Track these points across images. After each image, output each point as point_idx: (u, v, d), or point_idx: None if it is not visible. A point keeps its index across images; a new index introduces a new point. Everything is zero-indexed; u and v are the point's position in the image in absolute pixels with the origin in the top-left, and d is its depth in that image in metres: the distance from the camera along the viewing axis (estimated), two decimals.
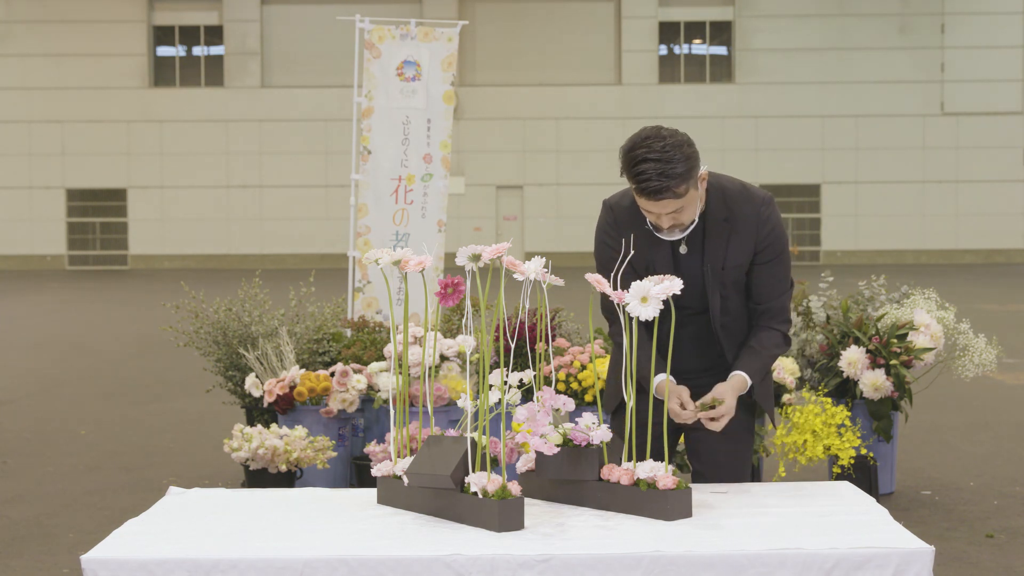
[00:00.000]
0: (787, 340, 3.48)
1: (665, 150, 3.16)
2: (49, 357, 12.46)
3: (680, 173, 3.16)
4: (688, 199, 3.24)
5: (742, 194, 3.40)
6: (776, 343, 3.45)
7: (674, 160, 3.16)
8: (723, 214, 3.37)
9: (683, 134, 3.24)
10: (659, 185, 3.16)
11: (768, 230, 3.39)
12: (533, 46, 31.43)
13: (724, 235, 3.38)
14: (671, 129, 3.25)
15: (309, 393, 5.95)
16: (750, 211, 3.38)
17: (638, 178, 3.18)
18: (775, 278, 3.43)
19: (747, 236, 3.38)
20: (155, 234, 31.30)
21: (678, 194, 3.20)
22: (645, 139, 3.20)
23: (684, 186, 3.20)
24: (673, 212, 3.26)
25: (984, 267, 29.21)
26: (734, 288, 3.43)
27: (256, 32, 31.28)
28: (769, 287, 3.44)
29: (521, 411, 2.94)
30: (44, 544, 5.39)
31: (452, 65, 7.39)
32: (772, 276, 3.43)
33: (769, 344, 3.43)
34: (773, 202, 3.43)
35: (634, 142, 3.21)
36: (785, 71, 31.08)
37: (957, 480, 6.51)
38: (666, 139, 3.19)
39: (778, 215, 3.43)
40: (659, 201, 3.20)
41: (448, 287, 2.93)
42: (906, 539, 2.71)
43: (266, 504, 3.10)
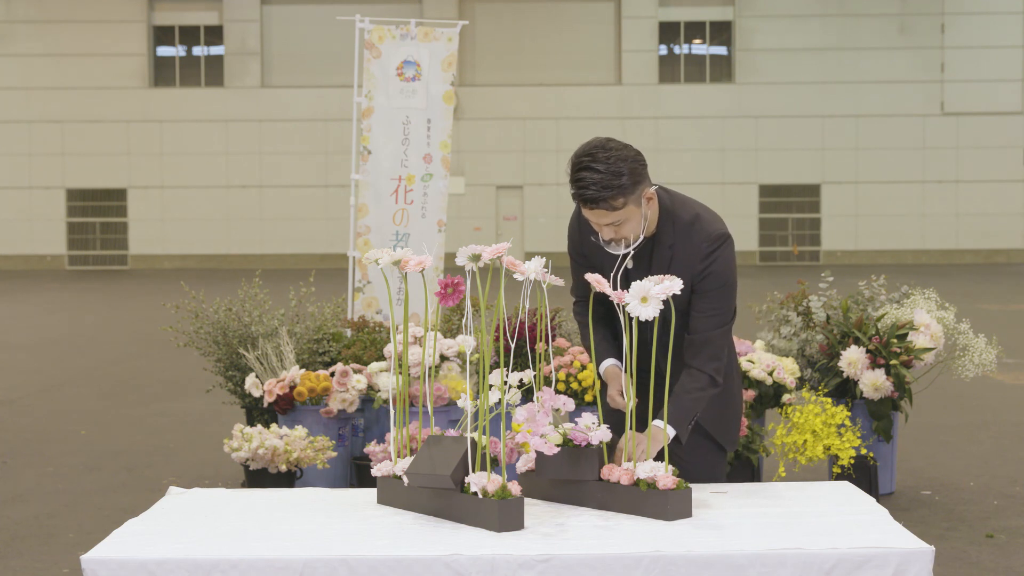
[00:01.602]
0: (714, 382, 3.38)
1: (608, 160, 3.18)
2: (49, 357, 12.46)
3: (617, 186, 3.18)
4: (626, 214, 3.24)
5: (692, 225, 3.38)
6: (699, 386, 3.36)
7: (613, 172, 3.18)
8: (669, 241, 3.37)
9: (633, 150, 3.25)
10: (594, 194, 3.19)
11: (707, 266, 3.35)
12: (533, 46, 31.43)
13: (667, 261, 3.37)
14: (622, 143, 3.26)
15: (309, 393, 5.95)
16: (694, 245, 3.36)
17: (576, 184, 3.22)
18: (707, 311, 3.38)
19: (687, 266, 3.35)
20: (155, 234, 31.29)
21: (613, 206, 3.21)
22: (592, 148, 3.22)
23: (621, 199, 3.20)
24: (611, 224, 3.27)
25: (984, 267, 29.21)
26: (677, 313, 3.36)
27: (256, 32, 31.28)
28: (702, 319, 3.38)
29: (521, 411, 2.94)
30: (44, 544, 5.39)
31: (452, 65, 7.39)
32: (706, 309, 3.38)
33: (692, 388, 3.35)
34: (725, 241, 3.37)
35: (581, 150, 3.25)
36: (785, 71, 31.08)
37: (957, 480, 6.51)
38: (612, 151, 3.20)
39: (727, 255, 3.37)
40: (594, 210, 3.23)
41: (448, 287, 2.93)
42: (906, 539, 2.71)
43: (266, 504, 3.10)
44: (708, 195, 30.88)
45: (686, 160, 30.78)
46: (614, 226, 3.28)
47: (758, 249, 31.26)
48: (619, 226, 3.28)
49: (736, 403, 3.58)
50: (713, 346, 3.38)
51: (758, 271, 28.02)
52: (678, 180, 30.65)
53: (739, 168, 30.98)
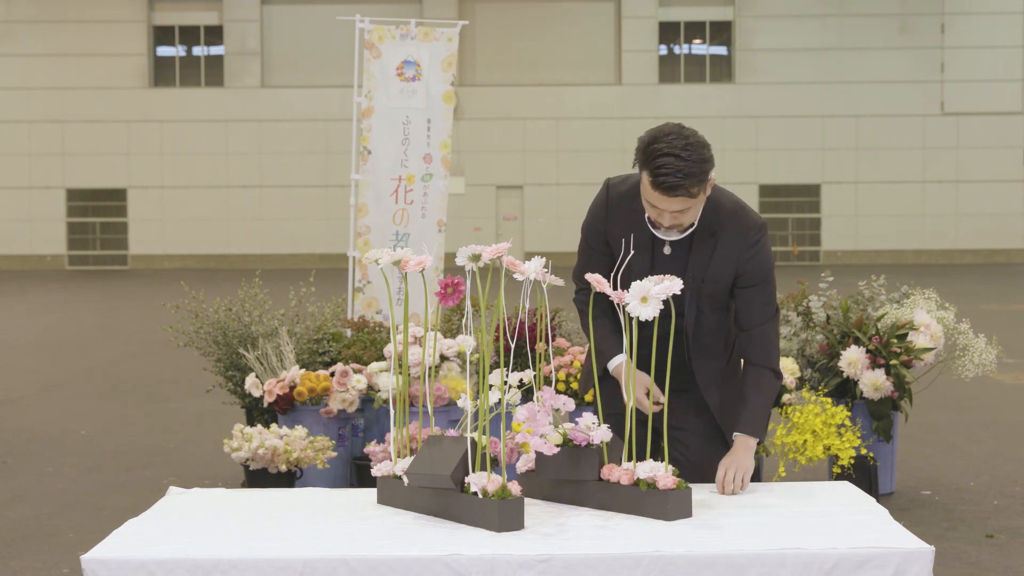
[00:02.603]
0: (777, 375, 3.44)
1: (687, 148, 3.15)
2: (49, 357, 12.45)
3: (697, 173, 3.15)
4: (697, 202, 3.23)
5: (736, 214, 3.38)
6: (770, 385, 3.41)
7: (694, 159, 3.15)
8: (712, 228, 3.35)
9: (702, 136, 3.24)
10: (676, 182, 3.15)
11: (752, 254, 3.36)
12: (533, 46, 31.43)
13: (709, 249, 3.36)
14: (691, 129, 3.24)
15: (309, 393, 5.95)
16: (739, 232, 3.36)
17: (657, 172, 3.16)
18: (758, 304, 3.40)
19: (730, 255, 3.35)
20: (155, 234, 31.29)
21: (692, 194, 3.19)
22: (668, 134, 3.18)
23: (698, 188, 3.19)
24: (678, 211, 3.24)
25: (984, 267, 29.21)
26: (710, 304, 3.41)
27: (256, 32, 31.27)
28: (752, 313, 3.41)
29: (521, 411, 2.94)
30: (44, 544, 5.39)
31: (452, 65, 7.39)
32: (755, 302, 3.40)
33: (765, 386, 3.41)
34: (765, 229, 3.39)
35: (655, 135, 3.20)
36: (785, 71, 31.08)
37: (957, 480, 6.51)
38: (688, 138, 3.17)
39: (767, 244, 3.40)
40: (672, 198, 3.18)
41: (448, 287, 2.93)
42: (906, 539, 2.71)
43: (266, 504, 3.10)
44: None
45: None
46: (678, 214, 3.24)
47: None
48: (684, 213, 3.25)
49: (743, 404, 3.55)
50: (768, 338, 3.40)
51: None
52: None
53: (739, 168, 30.96)
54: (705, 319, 3.42)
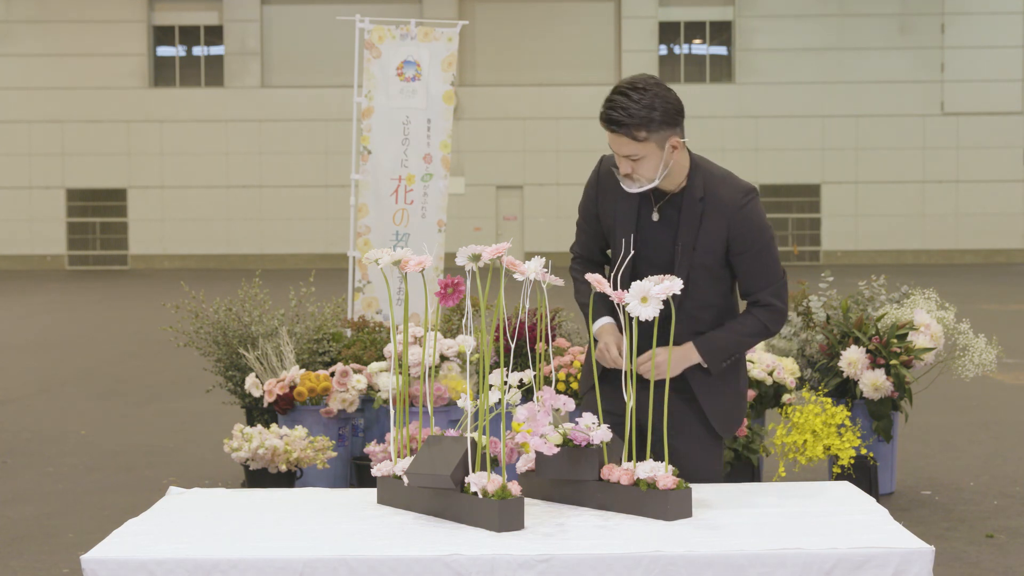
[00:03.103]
0: (766, 329, 3.38)
1: (640, 91, 3.20)
2: (49, 357, 12.46)
3: (643, 116, 3.18)
4: (645, 149, 3.23)
5: (724, 179, 3.39)
6: (751, 331, 3.37)
7: (646, 105, 3.19)
8: (700, 194, 3.36)
9: (674, 95, 3.26)
10: (617, 117, 3.19)
11: (743, 218, 3.33)
12: (533, 46, 31.43)
13: (697, 215, 3.35)
14: (665, 86, 3.26)
15: (309, 393, 5.95)
16: (728, 196, 3.35)
17: (606, 105, 3.23)
18: (757, 270, 3.37)
19: (720, 220, 3.34)
20: (155, 234, 31.29)
21: (635, 136, 3.21)
22: (636, 78, 3.25)
23: (644, 132, 3.20)
24: (629, 157, 3.25)
25: (984, 267, 29.21)
26: (703, 272, 3.37)
27: (256, 32, 31.27)
28: (753, 278, 3.38)
29: (521, 411, 2.94)
30: (44, 544, 5.39)
31: (452, 65, 7.39)
32: (754, 267, 3.37)
33: (740, 328, 3.37)
34: (755, 194, 3.38)
35: (626, 79, 3.27)
36: (785, 71, 31.08)
37: (957, 480, 6.52)
38: (653, 87, 3.22)
39: (759, 208, 3.37)
40: (614, 135, 3.23)
41: (448, 287, 2.93)
42: (906, 539, 2.71)
43: (266, 504, 3.10)
44: None
45: None
46: (631, 160, 3.25)
47: None
48: (636, 162, 3.25)
49: (740, 393, 3.52)
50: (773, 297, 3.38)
51: None
52: None
53: (739, 168, 30.89)
54: (695, 288, 3.36)
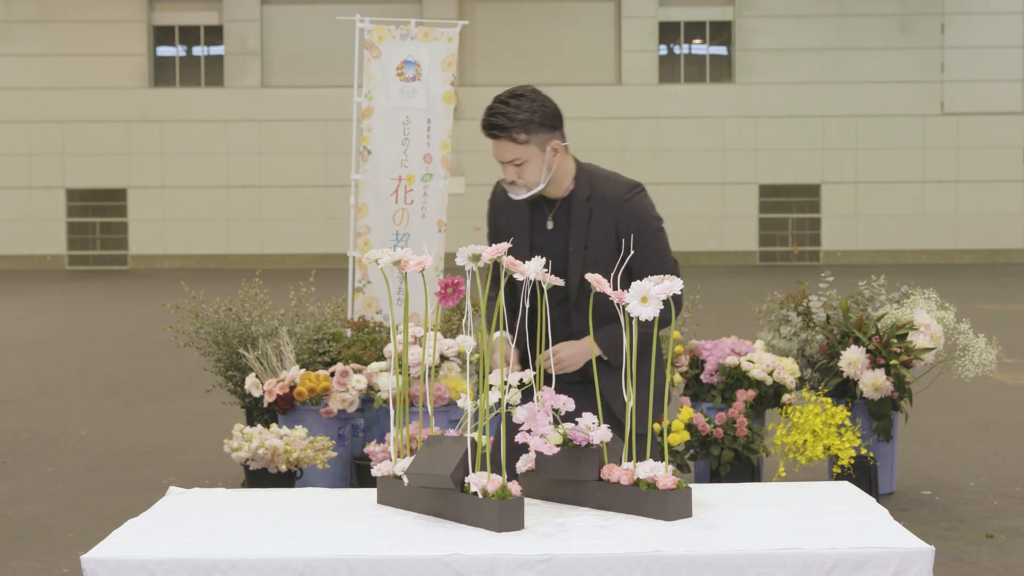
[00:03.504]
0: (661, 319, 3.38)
1: (517, 98, 3.37)
2: (49, 357, 12.46)
3: (521, 120, 3.35)
4: (527, 153, 3.39)
5: (609, 179, 3.54)
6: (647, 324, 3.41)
7: (522, 108, 3.35)
8: (586, 194, 3.50)
9: (552, 101, 3.43)
10: (498, 122, 3.35)
11: (628, 211, 3.48)
12: (533, 46, 31.42)
13: (586, 214, 3.49)
14: (544, 94, 3.43)
15: (309, 393, 5.95)
16: (612, 193, 3.50)
17: (485, 114, 3.39)
18: (647, 260, 3.46)
19: (607, 217, 3.48)
20: (155, 234, 31.28)
21: (516, 139, 3.37)
22: (514, 89, 3.41)
23: (524, 135, 3.37)
24: (513, 162, 3.41)
25: (984, 267, 29.21)
26: (598, 270, 3.43)
27: (256, 32, 31.27)
28: (644, 269, 3.43)
29: (521, 411, 2.94)
30: (44, 544, 5.39)
31: (452, 65, 7.39)
32: (642, 260, 3.44)
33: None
34: (640, 188, 3.53)
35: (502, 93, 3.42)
36: (785, 71, 31.07)
37: (957, 480, 6.52)
38: (531, 96, 3.39)
39: (645, 201, 3.52)
40: (497, 141, 3.38)
41: (448, 287, 2.93)
42: (906, 539, 2.71)
43: (266, 504, 3.10)
44: (708, 195, 30.90)
45: (686, 160, 30.78)
46: (515, 165, 3.41)
47: (758, 249, 31.26)
48: (520, 166, 3.42)
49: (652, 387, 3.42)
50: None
51: (758, 271, 28.02)
52: (678, 180, 30.65)
53: (739, 168, 30.96)
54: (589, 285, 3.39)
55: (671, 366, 6.10)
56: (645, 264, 3.45)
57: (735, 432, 5.81)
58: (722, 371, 6.13)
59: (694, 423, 5.82)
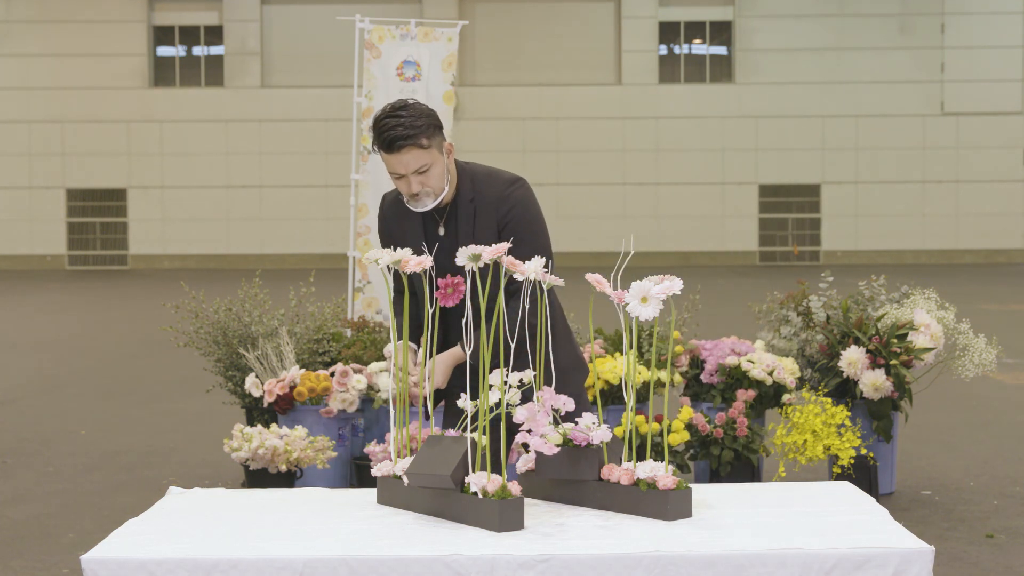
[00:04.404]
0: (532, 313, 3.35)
1: (403, 108, 3.37)
2: (49, 357, 12.45)
3: (420, 126, 3.36)
4: (432, 157, 3.39)
5: (489, 176, 3.57)
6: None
7: (413, 115, 3.36)
8: (469, 195, 3.51)
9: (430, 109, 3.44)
10: (402, 132, 3.33)
11: (508, 208, 3.51)
12: (533, 46, 31.42)
13: (470, 215, 3.51)
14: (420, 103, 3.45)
15: (309, 393, 5.95)
16: (493, 191, 3.52)
17: (381, 131, 3.35)
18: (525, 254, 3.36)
19: (489, 215, 3.50)
20: (155, 234, 31.28)
21: (422, 145, 3.35)
22: (392, 105, 3.41)
23: (426, 140, 3.36)
24: (418, 170, 3.38)
25: (984, 267, 29.21)
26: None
27: (256, 32, 31.27)
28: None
29: (521, 411, 2.94)
30: (44, 544, 5.39)
31: (452, 65, 7.39)
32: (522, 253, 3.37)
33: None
34: (521, 182, 3.55)
35: (382, 110, 3.41)
36: (785, 71, 31.07)
37: (957, 480, 6.52)
38: (411, 104, 3.39)
39: (526, 195, 3.53)
40: (401, 151, 3.35)
41: (448, 287, 2.93)
42: (906, 539, 2.71)
43: (266, 504, 3.10)
44: (708, 195, 30.91)
45: (686, 160, 30.77)
46: (420, 173, 3.39)
47: (758, 249, 31.26)
48: (426, 173, 3.40)
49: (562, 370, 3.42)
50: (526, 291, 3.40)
51: (758, 271, 28.02)
52: (678, 180, 30.66)
53: (739, 168, 30.96)
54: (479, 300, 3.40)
55: (671, 366, 6.11)
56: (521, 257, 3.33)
57: (735, 432, 5.81)
58: (722, 371, 6.13)
59: (694, 423, 5.82)
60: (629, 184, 30.49)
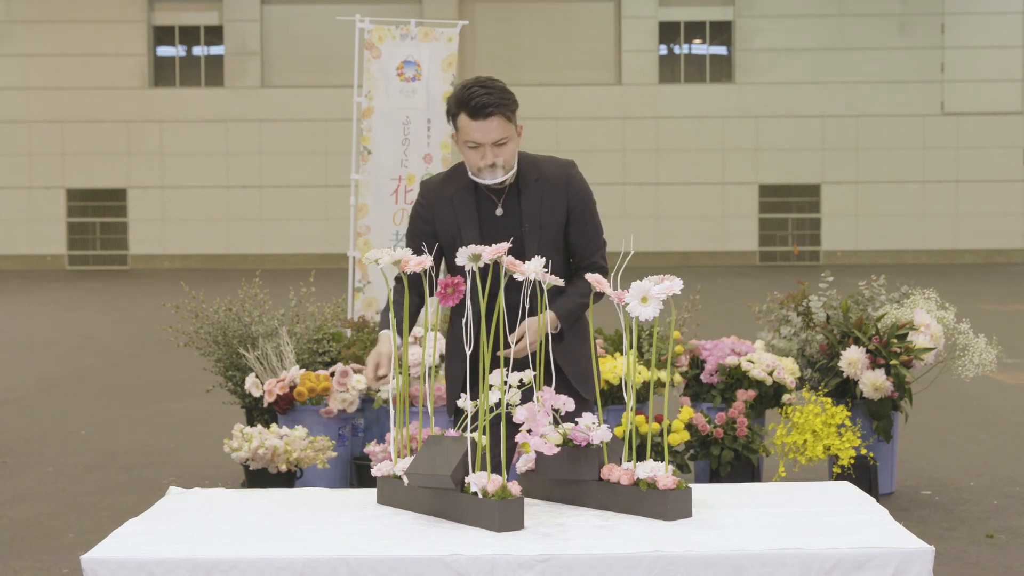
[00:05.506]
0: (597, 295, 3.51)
1: (489, 81, 3.48)
2: (49, 357, 12.45)
3: (508, 100, 3.48)
4: (511, 131, 3.49)
5: (547, 159, 3.71)
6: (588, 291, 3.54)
7: (499, 88, 3.48)
8: (534, 175, 3.61)
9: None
10: (489, 101, 3.42)
11: (576, 187, 3.64)
12: (533, 46, 31.42)
13: (538, 194, 3.59)
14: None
15: (309, 393, 5.95)
16: (558, 171, 3.65)
17: (471, 97, 3.44)
18: (589, 233, 3.64)
19: (559, 193, 3.61)
20: (155, 234, 31.27)
21: (507, 117, 3.46)
22: (477, 78, 3.52)
23: (510, 114, 3.47)
24: (498, 143, 3.46)
25: (984, 267, 29.21)
26: (552, 248, 3.58)
27: (256, 32, 31.27)
28: (586, 242, 3.63)
29: (521, 411, 2.94)
30: (44, 544, 5.39)
31: (452, 65, 7.39)
32: (586, 231, 3.63)
33: (582, 291, 3.56)
34: (576, 164, 3.72)
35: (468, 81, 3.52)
36: (785, 71, 31.06)
37: (957, 480, 6.52)
38: (497, 81, 3.51)
39: (582, 175, 3.68)
40: (488, 118, 3.43)
41: (448, 287, 2.93)
42: (906, 539, 2.71)
43: (266, 504, 3.10)
44: (708, 195, 30.90)
45: (686, 160, 30.77)
46: (499, 146, 3.47)
47: (758, 249, 31.25)
48: (503, 146, 3.48)
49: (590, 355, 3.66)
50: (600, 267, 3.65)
51: (758, 271, 28.02)
52: (678, 180, 30.65)
53: (739, 168, 30.95)
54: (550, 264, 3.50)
55: (671, 366, 6.11)
56: (587, 237, 3.63)
57: (735, 432, 5.81)
58: (722, 371, 6.13)
59: (694, 423, 5.82)
60: (629, 184, 30.48)
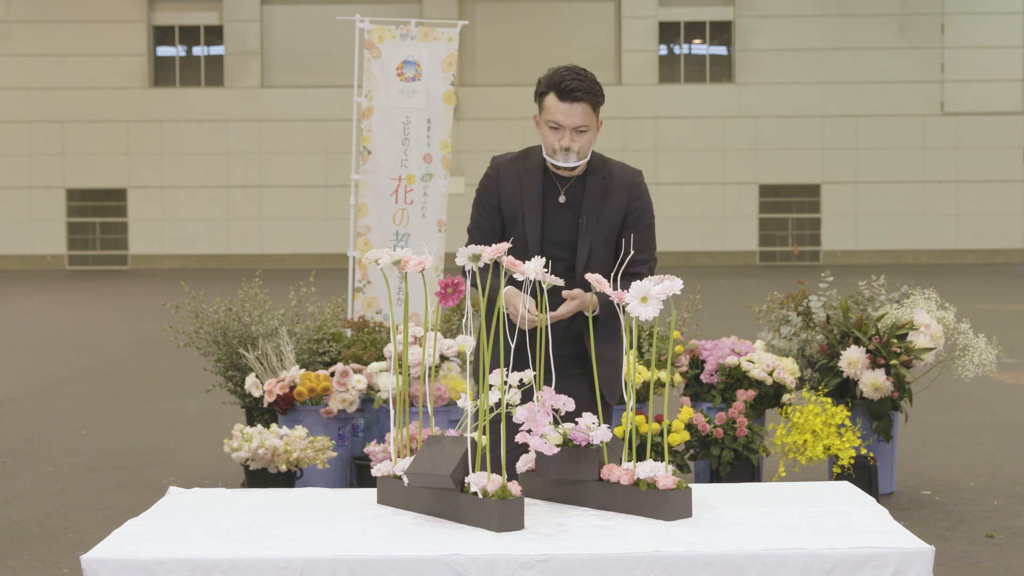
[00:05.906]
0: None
1: (588, 73, 3.63)
2: (49, 357, 12.45)
3: (597, 92, 3.60)
4: (593, 122, 3.61)
5: (619, 163, 3.83)
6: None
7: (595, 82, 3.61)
8: (602, 173, 3.73)
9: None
10: (579, 85, 3.54)
11: (638, 195, 3.77)
12: (533, 46, 31.41)
13: (601, 191, 3.71)
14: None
15: (309, 393, 5.95)
16: (626, 176, 3.78)
17: (563, 79, 3.55)
18: (643, 242, 3.74)
19: (621, 196, 3.74)
20: (155, 234, 31.27)
21: (593, 107, 3.58)
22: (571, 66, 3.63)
23: (596, 103, 3.59)
24: (578, 128, 3.57)
25: (984, 267, 29.21)
26: (604, 243, 3.71)
27: (256, 32, 31.26)
28: (638, 250, 3.72)
29: (521, 411, 2.94)
30: (44, 544, 5.39)
31: (452, 65, 7.39)
32: (641, 240, 3.73)
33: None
34: (643, 175, 3.86)
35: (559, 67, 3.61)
36: (785, 71, 31.06)
37: (957, 480, 6.52)
38: (588, 72, 3.61)
39: (647, 187, 3.84)
40: (576, 102, 3.55)
41: (448, 287, 2.93)
42: (906, 539, 2.71)
43: (266, 504, 3.10)
44: (708, 195, 30.90)
45: (686, 160, 30.77)
46: (579, 132, 3.59)
47: (758, 249, 31.25)
48: (583, 133, 3.60)
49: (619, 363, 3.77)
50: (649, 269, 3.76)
51: (758, 271, 28.02)
52: (678, 180, 30.65)
53: (739, 168, 30.95)
54: (595, 257, 3.70)
55: (671, 366, 6.11)
56: (640, 246, 3.71)
57: (735, 432, 5.81)
58: (722, 371, 6.13)
59: (694, 423, 5.82)
60: None
